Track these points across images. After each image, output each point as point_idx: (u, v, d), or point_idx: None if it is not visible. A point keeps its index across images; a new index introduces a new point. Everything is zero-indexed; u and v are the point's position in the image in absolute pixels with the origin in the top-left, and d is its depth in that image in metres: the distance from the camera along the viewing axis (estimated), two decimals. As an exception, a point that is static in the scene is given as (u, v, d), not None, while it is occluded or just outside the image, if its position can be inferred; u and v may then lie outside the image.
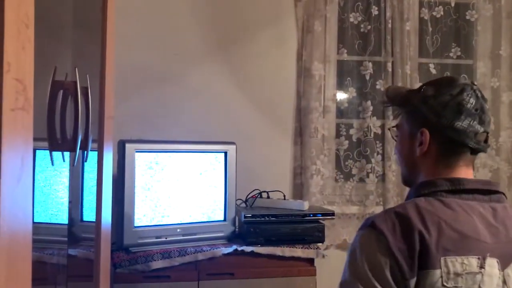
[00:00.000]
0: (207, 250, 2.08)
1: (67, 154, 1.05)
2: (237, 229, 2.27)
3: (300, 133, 2.63)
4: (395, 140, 1.17)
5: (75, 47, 1.03)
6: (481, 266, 0.93)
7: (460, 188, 1.01)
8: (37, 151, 1.04)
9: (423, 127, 1.05)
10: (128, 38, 2.43)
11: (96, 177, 1.16)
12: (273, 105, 2.63)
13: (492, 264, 0.94)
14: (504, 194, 1.06)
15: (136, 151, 2.03)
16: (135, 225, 2.03)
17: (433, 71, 2.71)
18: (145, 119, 2.49)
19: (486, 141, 1.05)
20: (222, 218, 2.22)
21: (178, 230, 2.11)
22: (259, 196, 2.41)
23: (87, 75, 0.97)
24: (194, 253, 2.06)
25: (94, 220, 1.25)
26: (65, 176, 1.30)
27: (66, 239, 1.16)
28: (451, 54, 2.76)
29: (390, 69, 2.65)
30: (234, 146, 2.24)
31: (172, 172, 2.12)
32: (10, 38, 0.56)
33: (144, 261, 2.01)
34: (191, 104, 2.56)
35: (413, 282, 0.91)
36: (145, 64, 2.49)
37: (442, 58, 2.75)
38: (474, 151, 1.05)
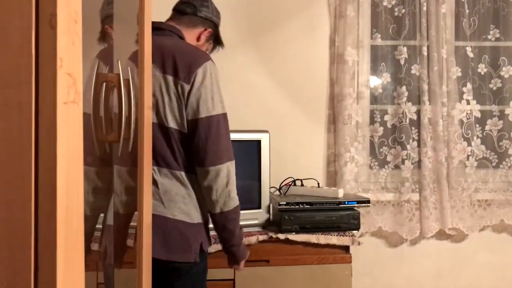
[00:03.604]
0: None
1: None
2: (271, 217, 2.29)
3: (334, 120, 2.61)
4: None
5: (116, 41, 1.05)
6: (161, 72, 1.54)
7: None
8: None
9: None
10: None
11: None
12: (305, 92, 2.62)
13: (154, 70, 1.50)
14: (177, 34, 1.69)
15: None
16: (172, 213, 2.06)
17: (471, 55, 2.63)
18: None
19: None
20: (256, 205, 2.23)
21: (213, 218, 2.14)
22: (293, 184, 2.42)
23: (128, 67, 0.99)
24: (230, 240, 2.09)
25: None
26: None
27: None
28: (489, 36, 2.67)
29: (425, 53, 2.58)
30: (267, 135, 2.24)
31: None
32: (61, 34, 0.58)
33: (181, 248, 2.04)
34: (224, 93, 2.55)
35: None
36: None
37: (480, 41, 2.67)
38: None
